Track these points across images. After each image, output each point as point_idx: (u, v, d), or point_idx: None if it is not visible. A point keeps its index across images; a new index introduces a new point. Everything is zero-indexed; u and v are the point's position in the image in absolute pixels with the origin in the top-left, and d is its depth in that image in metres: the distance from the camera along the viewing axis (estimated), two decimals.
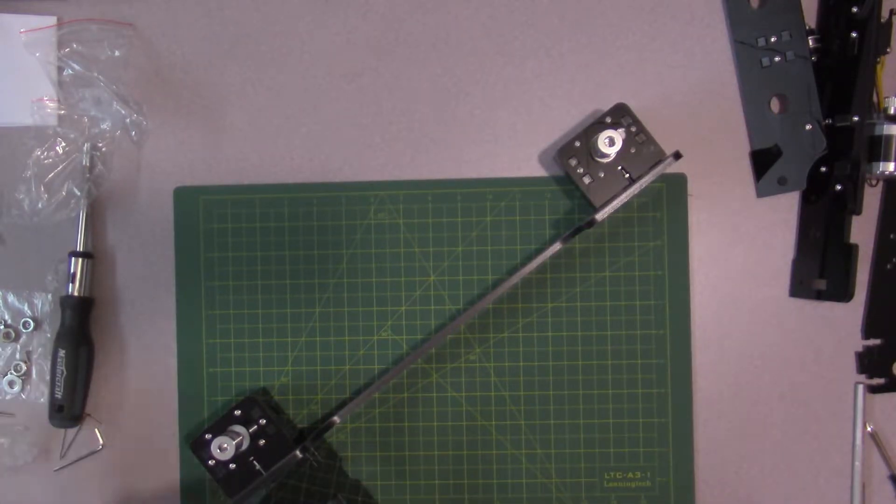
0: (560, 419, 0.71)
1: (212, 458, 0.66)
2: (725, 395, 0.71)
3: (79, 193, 0.70)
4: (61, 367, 0.69)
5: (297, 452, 0.66)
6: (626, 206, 0.68)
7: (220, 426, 0.67)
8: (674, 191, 0.71)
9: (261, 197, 0.72)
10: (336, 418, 0.67)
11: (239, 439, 0.66)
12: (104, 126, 0.71)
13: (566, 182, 0.71)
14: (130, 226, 0.72)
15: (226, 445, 0.65)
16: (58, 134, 0.70)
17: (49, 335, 0.71)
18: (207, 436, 0.66)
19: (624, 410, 0.71)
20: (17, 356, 0.72)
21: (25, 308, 0.72)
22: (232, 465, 0.66)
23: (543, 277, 0.71)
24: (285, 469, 0.67)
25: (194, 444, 0.67)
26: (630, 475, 0.71)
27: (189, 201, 0.72)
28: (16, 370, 0.71)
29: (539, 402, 0.71)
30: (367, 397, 0.68)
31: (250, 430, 0.67)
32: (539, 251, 0.69)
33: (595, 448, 0.71)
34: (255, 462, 0.66)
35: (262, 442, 0.66)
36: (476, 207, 0.71)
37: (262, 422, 0.67)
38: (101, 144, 0.71)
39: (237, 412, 0.67)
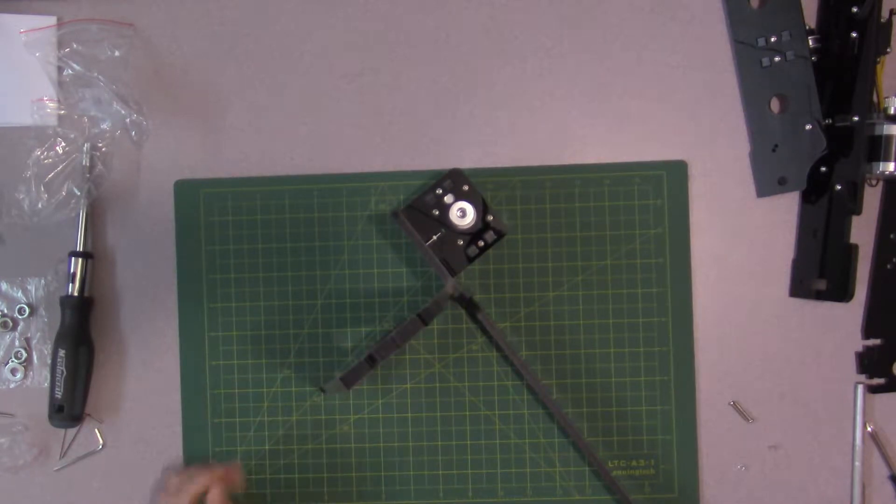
0: (563, 408, 0.70)
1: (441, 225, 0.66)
2: (725, 395, 0.71)
3: (79, 193, 0.70)
4: (61, 367, 0.69)
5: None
6: (626, 194, 0.69)
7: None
8: (674, 178, 0.71)
9: (261, 189, 0.72)
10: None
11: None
12: (104, 126, 0.71)
13: (565, 171, 0.71)
14: (130, 225, 0.72)
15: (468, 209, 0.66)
16: (58, 134, 0.70)
17: (45, 319, 0.72)
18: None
19: (627, 398, 0.71)
20: (17, 343, 0.72)
21: (19, 295, 0.72)
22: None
23: (545, 266, 0.71)
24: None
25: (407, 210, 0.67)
26: (634, 463, 0.70)
27: (190, 194, 0.72)
28: (17, 357, 0.71)
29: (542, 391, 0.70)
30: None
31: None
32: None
33: (599, 436, 0.70)
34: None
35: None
36: None
37: (466, 188, 0.67)
38: (101, 144, 0.71)
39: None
